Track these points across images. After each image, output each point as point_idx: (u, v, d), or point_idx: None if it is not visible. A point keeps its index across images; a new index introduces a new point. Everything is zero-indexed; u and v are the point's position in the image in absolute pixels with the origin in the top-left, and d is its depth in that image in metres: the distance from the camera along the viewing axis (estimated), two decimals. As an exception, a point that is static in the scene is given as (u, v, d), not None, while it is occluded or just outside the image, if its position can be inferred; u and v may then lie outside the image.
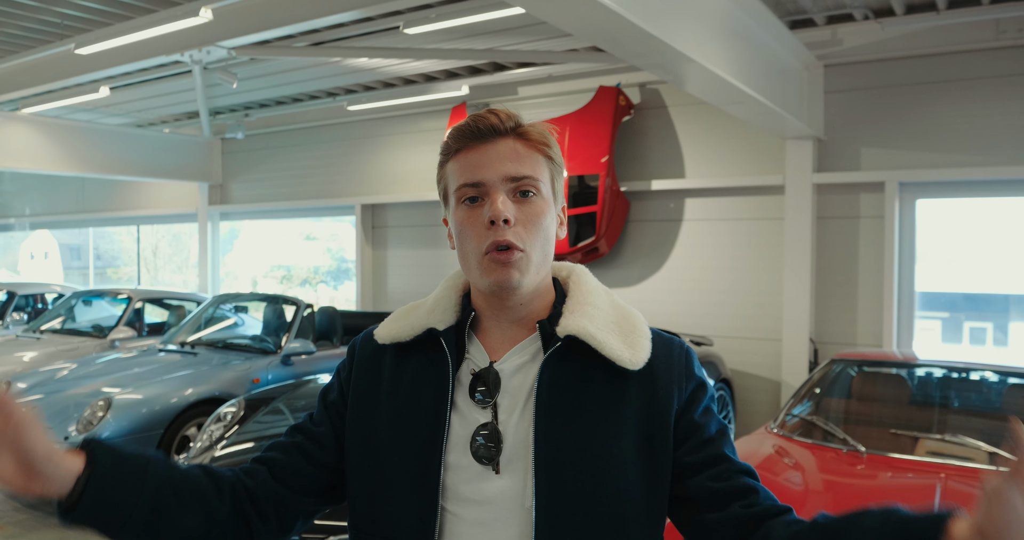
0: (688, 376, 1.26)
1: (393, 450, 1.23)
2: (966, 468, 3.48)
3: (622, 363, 1.19)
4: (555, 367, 1.20)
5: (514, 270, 1.18)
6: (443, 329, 1.27)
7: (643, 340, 1.24)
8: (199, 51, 6.75)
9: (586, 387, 1.20)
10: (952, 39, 6.20)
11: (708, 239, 7.47)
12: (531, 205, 1.21)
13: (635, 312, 1.31)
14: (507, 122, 1.22)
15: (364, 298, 9.88)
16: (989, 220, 6.73)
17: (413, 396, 1.25)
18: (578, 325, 1.20)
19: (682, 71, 4.66)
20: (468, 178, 1.21)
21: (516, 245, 1.18)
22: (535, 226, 1.20)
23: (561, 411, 1.18)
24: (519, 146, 1.22)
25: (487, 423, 1.20)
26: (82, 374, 6.03)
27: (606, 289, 1.33)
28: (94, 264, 15.51)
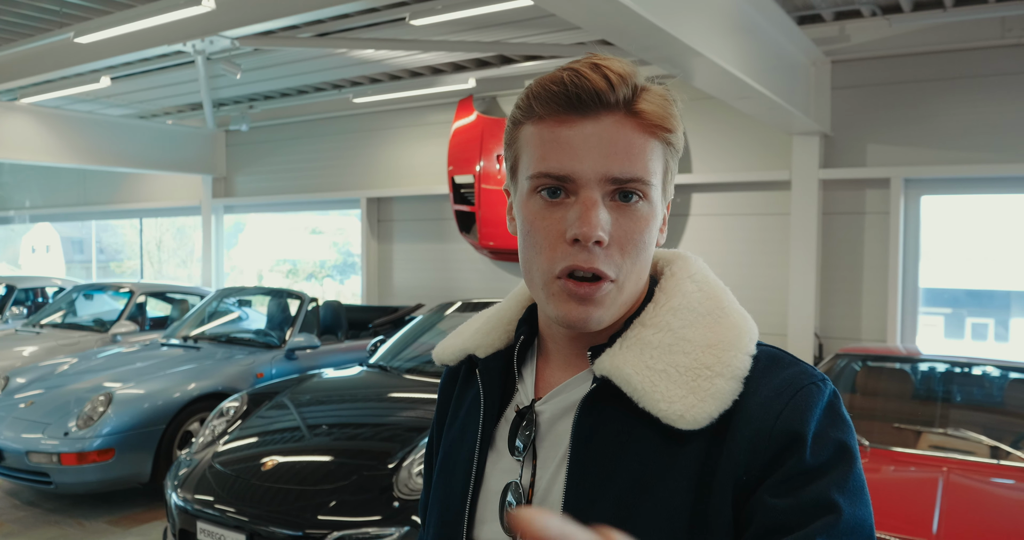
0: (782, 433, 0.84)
1: (435, 495, 1.07)
2: (968, 462, 3.51)
3: (668, 421, 0.86)
4: (593, 417, 0.91)
5: (594, 308, 0.90)
6: (484, 356, 1.05)
7: (722, 382, 0.87)
8: (202, 41, 6.71)
9: (627, 447, 0.89)
10: (958, 36, 6.19)
11: (714, 234, 7.45)
12: (634, 215, 0.90)
13: (736, 334, 0.93)
14: (620, 89, 0.88)
15: (369, 292, 9.87)
16: (992, 217, 6.73)
17: (463, 432, 1.06)
18: (614, 363, 0.90)
19: (690, 65, 4.63)
20: (552, 166, 0.89)
21: (606, 275, 0.89)
22: (635, 246, 0.90)
23: (596, 478, 0.89)
24: (630, 129, 0.89)
25: (516, 483, 0.96)
26: (83, 369, 6.01)
27: (712, 292, 0.99)
28: (97, 258, 15.50)
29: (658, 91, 0.91)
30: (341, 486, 3.63)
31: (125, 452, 5.21)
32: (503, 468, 0.98)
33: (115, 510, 5.40)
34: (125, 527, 5.11)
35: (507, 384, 1.04)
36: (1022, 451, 3.51)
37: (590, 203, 0.87)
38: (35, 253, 17.51)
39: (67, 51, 7.01)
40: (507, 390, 1.04)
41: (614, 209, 0.89)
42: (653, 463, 0.88)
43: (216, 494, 3.75)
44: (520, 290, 1.12)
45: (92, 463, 5.07)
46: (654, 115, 0.89)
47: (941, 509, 3.03)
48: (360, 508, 3.51)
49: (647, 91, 0.90)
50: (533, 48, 7.11)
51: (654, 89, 0.91)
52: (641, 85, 0.90)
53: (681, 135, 0.94)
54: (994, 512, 3.14)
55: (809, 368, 0.92)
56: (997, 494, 3.32)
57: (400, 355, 5.34)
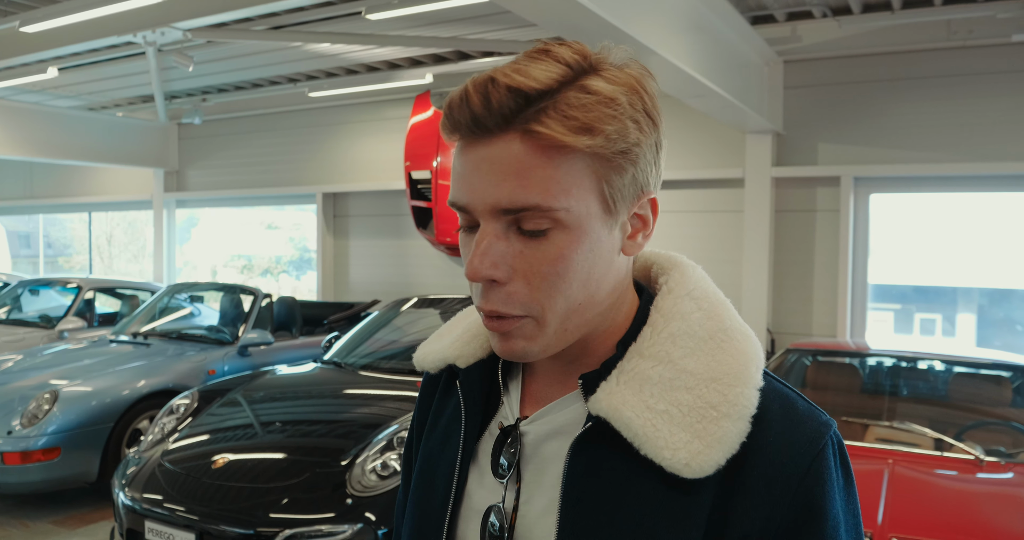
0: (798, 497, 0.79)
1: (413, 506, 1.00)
2: (913, 454, 3.59)
3: (672, 469, 0.78)
4: (589, 454, 0.84)
5: (517, 340, 0.82)
6: (465, 366, 0.97)
7: (728, 424, 0.79)
8: (152, 32, 6.58)
9: (628, 492, 0.82)
10: (906, 38, 6.33)
11: (669, 231, 7.52)
12: (542, 246, 0.79)
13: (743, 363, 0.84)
14: (501, 109, 0.76)
15: (325, 288, 9.79)
16: (939, 215, 6.89)
17: (444, 443, 0.98)
18: (613, 403, 0.81)
19: (645, 63, 4.64)
20: (454, 197, 0.82)
21: (507, 314, 0.80)
22: (545, 279, 0.79)
23: (595, 522, 0.82)
24: (524, 148, 0.76)
25: (498, 506, 0.89)
26: (28, 366, 5.86)
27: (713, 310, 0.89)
28: (44, 253, 15.14)
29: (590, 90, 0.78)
30: (293, 484, 3.60)
31: (71, 451, 5.10)
32: (486, 487, 0.92)
33: (61, 510, 5.30)
34: (71, 527, 5.01)
35: (491, 397, 0.96)
36: (965, 443, 3.60)
37: (480, 238, 0.79)
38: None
39: (12, 40, 6.82)
40: (491, 402, 0.96)
41: (519, 241, 0.79)
42: (658, 511, 0.80)
43: (165, 493, 3.70)
44: None
45: (37, 462, 4.96)
46: (557, 129, 0.75)
47: (886, 500, 3.09)
48: (313, 506, 3.48)
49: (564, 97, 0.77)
50: (490, 44, 7.11)
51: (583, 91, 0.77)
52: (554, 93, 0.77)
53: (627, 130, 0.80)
54: (937, 503, 3.21)
55: (822, 416, 0.85)
56: (940, 485, 3.40)
57: (355, 351, 5.31)
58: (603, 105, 0.78)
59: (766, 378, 0.85)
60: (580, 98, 0.77)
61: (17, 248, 16.10)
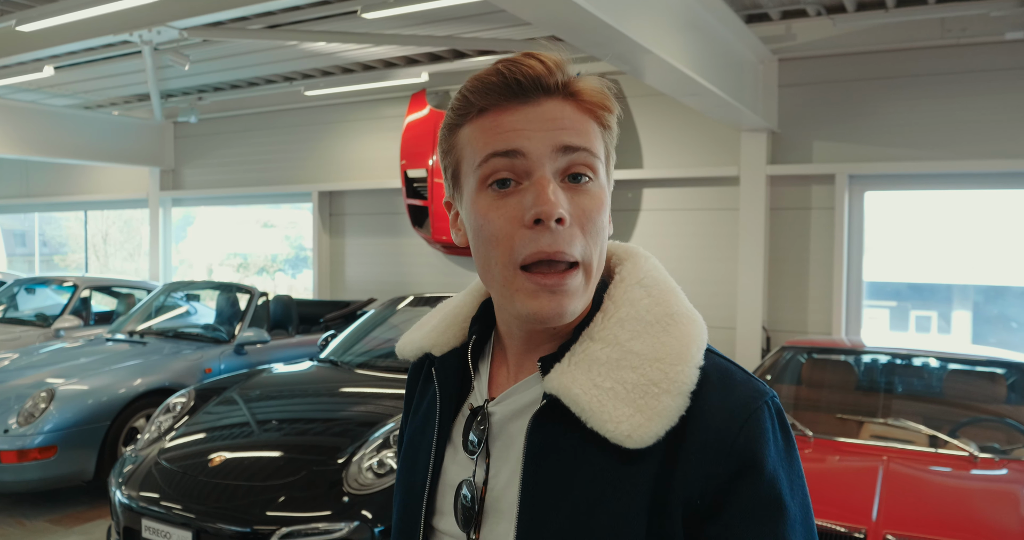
0: (733, 454, 0.84)
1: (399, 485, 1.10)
2: (907, 450, 3.62)
3: (616, 441, 0.85)
4: (546, 429, 0.91)
5: (567, 299, 0.88)
6: (441, 354, 1.06)
7: (668, 399, 0.86)
8: (148, 31, 6.57)
9: (580, 464, 0.89)
10: (900, 36, 6.35)
11: (665, 229, 7.54)
12: (589, 194, 0.89)
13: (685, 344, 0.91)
14: (556, 74, 0.89)
15: (321, 287, 9.79)
16: (934, 212, 6.91)
17: (423, 426, 1.07)
18: (563, 382, 0.89)
19: (640, 62, 4.68)
20: (500, 144, 0.87)
21: (573, 257, 0.87)
22: (594, 225, 0.89)
23: (550, 492, 0.89)
24: (571, 109, 0.89)
25: (469, 480, 0.97)
26: (24, 364, 5.86)
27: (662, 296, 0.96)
28: (40, 251, 15.11)
29: (593, 78, 0.92)
30: (290, 482, 3.61)
31: (68, 449, 5.10)
32: (459, 463, 1.00)
33: (57, 509, 5.30)
34: (67, 526, 5.02)
35: (463, 381, 1.05)
36: (959, 440, 3.62)
37: (545, 182, 0.86)
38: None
39: (9, 39, 6.82)
40: (464, 386, 1.05)
41: (568, 190, 0.88)
42: (607, 480, 0.87)
43: (162, 491, 3.71)
44: (476, 286, 1.11)
45: (33, 461, 4.97)
46: (592, 96, 0.90)
47: (881, 497, 3.11)
48: (309, 504, 3.50)
49: (583, 78, 0.91)
50: (485, 43, 7.12)
51: (588, 76, 0.92)
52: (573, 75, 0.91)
53: (616, 119, 0.94)
54: (931, 499, 3.24)
55: (760, 384, 0.91)
56: (935, 482, 3.41)
57: (351, 350, 5.32)
58: (603, 89, 0.92)
59: (709, 356, 0.92)
60: (590, 79, 0.92)
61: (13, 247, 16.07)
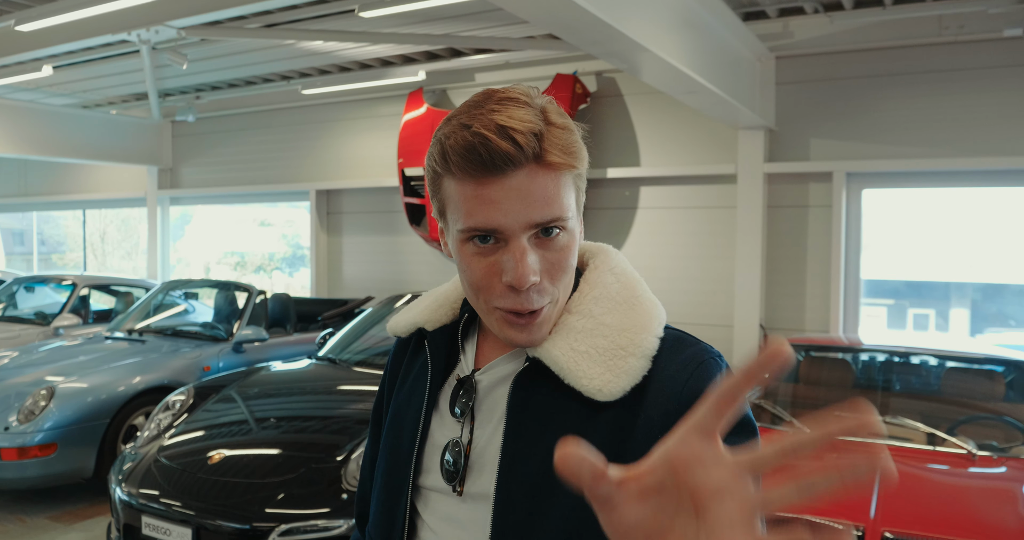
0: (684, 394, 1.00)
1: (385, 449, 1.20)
2: (905, 448, 3.61)
3: (589, 394, 1.01)
4: (525, 390, 1.07)
5: (537, 330, 1.04)
6: (432, 330, 1.19)
7: (634, 360, 1.02)
8: (147, 30, 6.59)
9: (555, 415, 1.05)
10: (897, 34, 6.35)
11: (662, 227, 7.55)
12: (556, 248, 1.02)
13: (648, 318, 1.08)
14: (528, 148, 0.96)
15: (319, 285, 9.79)
16: (931, 210, 6.91)
17: (410, 395, 1.20)
18: (545, 346, 1.05)
19: (637, 60, 4.69)
20: (479, 222, 0.99)
21: (542, 305, 1.02)
22: (562, 270, 1.03)
23: (529, 440, 1.04)
24: (541, 176, 0.98)
25: (457, 440, 1.11)
26: (24, 362, 5.88)
27: (628, 283, 1.13)
28: (38, 250, 15.12)
29: (559, 126, 0.99)
30: (289, 479, 3.63)
31: (68, 447, 5.12)
32: (446, 427, 1.13)
33: (57, 506, 5.32)
34: (67, 523, 5.03)
35: (451, 355, 1.18)
36: (957, 438, 3.62)
37: (520, 253, 0.98)
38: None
39: (8, 39, 6.83)
40: (451, 360, 1.18)
41: (539, 246, 1.01)
42: (577, 427, 1.02)
43: (162, 488, 3.72)
44: None
45: (34, 458, 4.98)
46: (559, 154, 0.98)
47: (878, 494, 3.11)
48: (308, 501, 3.51)
49: (551, 133, 0.98)
50: (483, 41, 7.12)
51: (555, 127, 0.99)
52: (544, 131, 0.97)
53: (585, 158, 1.03)
54: (929, 497, 3.23)
55: (708, 346, 1.07)
56: (933, 480, 3.41)
57: (349, 348, 5.33)
58: (571, 135, 1.01)
59: (667, 330, 1.09)
60: (557, 133, 0.99)
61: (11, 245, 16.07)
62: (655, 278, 7.53)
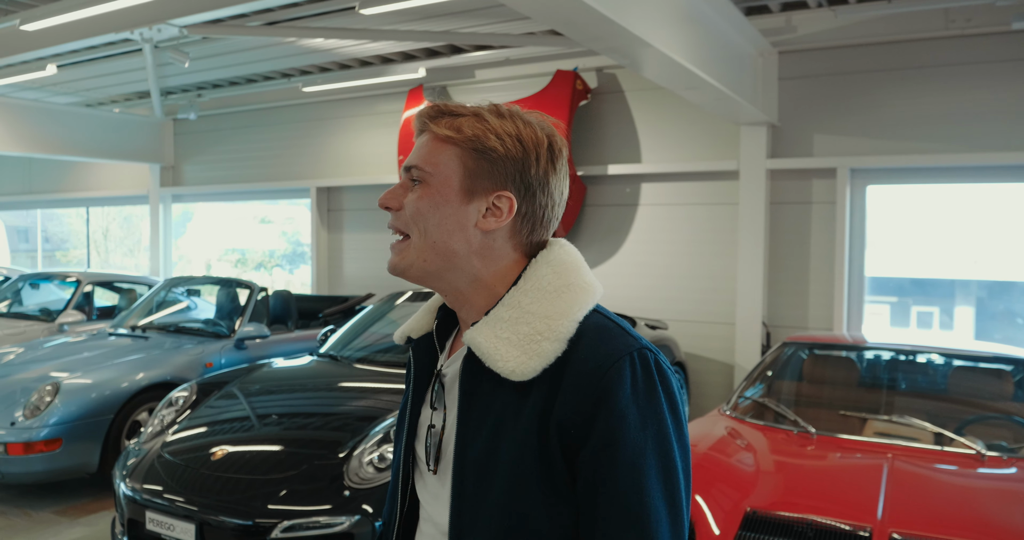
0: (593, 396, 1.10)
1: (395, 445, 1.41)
2: (912, 448, 3.58)
3: (504, 374, 1.13)
4: (470, 374, 1.20)
5: (395, 255, 1.26)
6: (418, 337, 1.38)
7: (547, 344, 1.13)
8: (149, 29, 6.60)
9: (493, 396, 1.18)
10: (903, 28, 6.30)
11: (664, 224, 7.53)
12: (414, 192, 1.24)
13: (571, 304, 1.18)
14: (422, 116, 1.26)
15: (320, 282, 9.80)
16: (936, 207, 6.88)
17: (406, 395, 1.39)
18: (472, 334, 1.18)
19: (639, 56, 4.68)
20: None
21: (399, 228, 1.26)
22: (416, 212, 1.22)
23: (474, 420, 1.19)
24: (428, 140, 1.25)
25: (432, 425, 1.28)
26: (29, 358, 5.90)
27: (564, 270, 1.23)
28: (42, 247, 15.14)
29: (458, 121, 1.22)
30: (291, 475, 3.63)
31: (73, 442, 5.14)
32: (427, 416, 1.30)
33: (63, 500, 5.33)
34: (73, 517, 5.05)
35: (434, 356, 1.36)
36: (965, 437, 3.58)
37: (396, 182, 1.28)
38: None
39: (13, 38, 6.83)
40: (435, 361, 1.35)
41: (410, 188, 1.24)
42: (509, 410, 1.15)
43: (165, 484, 3.73)
44: None
45: (39, 453, 5.00)
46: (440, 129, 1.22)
47: (886, 495, 3.09)
48: (310, 497, 3.51)
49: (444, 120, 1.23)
50: (483, 38, 7.11)
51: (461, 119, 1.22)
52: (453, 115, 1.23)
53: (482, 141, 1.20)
54: (937, 498, 3.21)
55: (632, 340, 1.16)
56: (941, 480, 3.38)
57: (350, 345, 5.33)
58: (474, 118, 1.22)
59: (595, 315, 1.20)
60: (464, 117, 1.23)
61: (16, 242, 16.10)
62: (656, 275, 7.53)
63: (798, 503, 3.14)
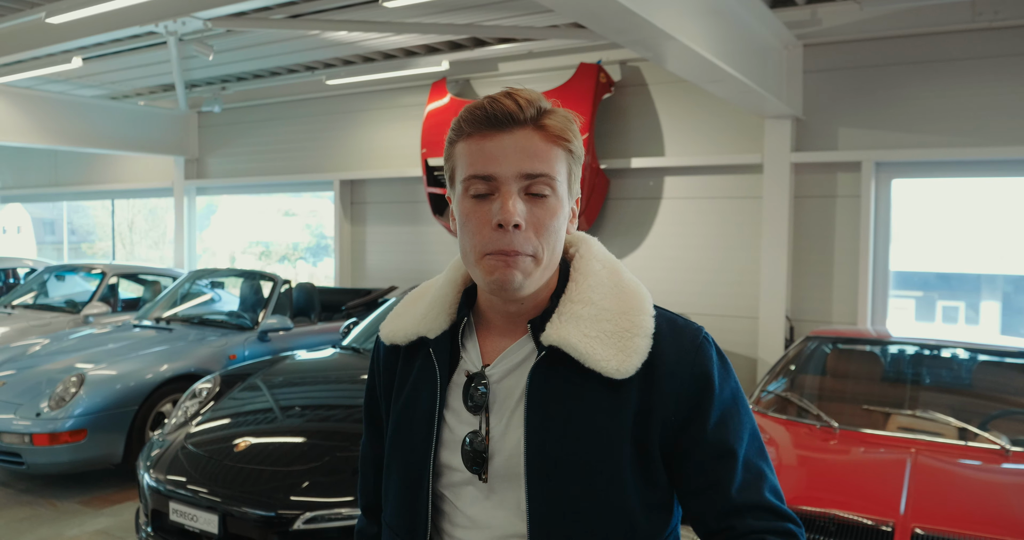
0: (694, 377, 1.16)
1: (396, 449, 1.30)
2: (936, 443, 3.55)
3: (607, 374, 1.13)
4: (544, 376, 1.16)
5: (517, 272, 1.13)
6: (434, 337, 1.28)
7: (639, 340, 1.16)
8: (174, 22, 6.63)
9: (578, 397, 1.15)
10: (929, 20, 6.22)
11: (687, 217, 7.49)
12: (544, 207, 1.14)
13: (640, 300, 1.21)
14: (527, 110, 1.13)
15: (343, 275, 9.84)
16: (963, 201, 6.79)
17: (415, 397, 1.28)
18: (560, 334, 1.15)
19: (662, 49, 4.64)
20: (478, 169, 1.14)
21: (523, 252, 1.13)
22: (546, 229, 1.14)
23: (553, 423, 1.15)
24: (537, 139, 1.14)
25: (476, 431, 1.20)
26: (55, 350, 5.97)
27: (613, 268, 1.25)
28: (68, 239, 15.32)
29: (560, 113, 1.17)
30: (314, 467, 3.65)
31: (97, 433, 5.20)
32: (464, 421, 1.22)
33: (87, 491, 5.40)
34: (97, 507, 5.11)
35: (453, 356, 1.28)
36: (989, 433, 3.55)
37: (508, 196, 1.12)
38: (5, 234, 17.26)
39: (39, 31, 6.90)
40: (453, 359, 1.28)
41: (528, 202, 1.14)
42: (601, 407, 1.15)
43: (189, 475, 3.76)
44: (451, 277, 1.33)
45: (64, 444, 5.06)
46: (556, 127, 1.14)
47: (909, 490, 3.06)
48: (332, 489, 3.53)
49: (552, 114, 1.16)
50: (507, 30, 7.09)
51: (557, 111, 1.17)
52: (546, 108, 1.16)
53: (580, 145, 1.18)
54: (961, 493, 3.18)
55: (694, 324, 1.23)
56: (964, 475, 3.36)
57: (373, 337, 5.34)
58: (570, 123, 1.17)
59: (656, 309, 1.23)
60: (558, 115, 1.17)
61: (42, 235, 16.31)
62: (679, 269, 7.49)
63: (820, 497, 3.12)
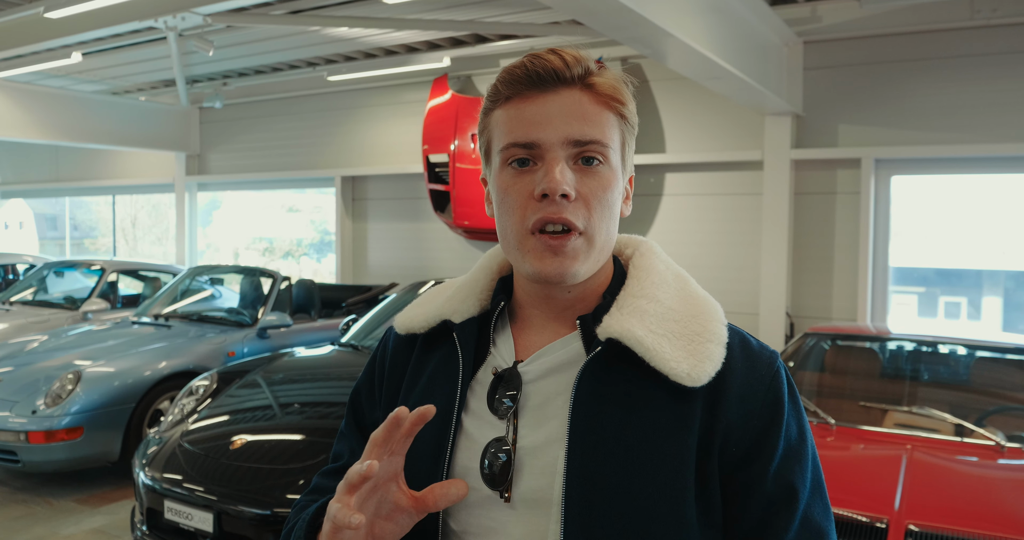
0: (766, 406, 0.98)
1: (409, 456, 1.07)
2: (932, 439, 3.56)
3: (676, 378, 0.94)
4: (596, 378, 0.97)
5: (569, 260, 0.96)
6: (460, 321, 1.08)
7: (713, 346, 0.97)
8: (174, 17, 6.62)
9: (636, 407, 0.96)
10: (928, 18, 6.22)
11: (687, 214, 7.49)
12: (597, 176, 0.98)
13: (711, 307, 1.04)
14: (574, 68, 0.98)
15: (344, 271, 9.85)
16: (963, 197, 6.79)
17: (428, 395, 1.07)
18: (623, 326, 0.96)
19: (662, 46, 4.63)
20: (519, 136, 0.97)
21: (575, 225, 0.96)
22: (600, 202, 0.98)
23: (603, 438, 0.95)
24: (587, 100, 0.98)
25: (501, 438, 1.00)
26: (52, 346, 5.97)
27: (678, 273, 1.09)
28: (71, 235, 15.33)
29: (611, 72, 1.01)
30: (311, 465, 3.65)
31: (94, 431, 5.19)
32: (483, 426, 1.02)
33: (84, 489, 5.40)
34: (93, 506, 5.11)
35: (479, 349, 1.08)
36: (986, 429, 3.55)
37: (554, 163, 0.95)
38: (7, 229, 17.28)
39: (37, 26, 6.89)
40: (479, 354, 1.08)
41: (578, 171, 0.97)
42: (664, 418, 0.95)
43: (185, 473, 3.76)
44: (486, 263, 1.15)
45: (60, 441, 5.06)
46: (607, 86, 0.99)
47: (904, 486, 3.06)
48: (328, 486, 3.52)
49: (602, 73, 1.00)
50: (507, 27, 7.07)
51: (607, 70, 1.01)
52: (594, 69, 1.00)
53: (633, 110, 1.02)
54: (956, 489, 3.18)
55: (770, 348, 1.05)
56: (960, 471, 3.36)
57: (373, 334, 5.35)
58: (620, 84, 1.01)
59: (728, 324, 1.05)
60: (608, 74, 1.01)
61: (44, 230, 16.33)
62: (680, 265, 7.44)
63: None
